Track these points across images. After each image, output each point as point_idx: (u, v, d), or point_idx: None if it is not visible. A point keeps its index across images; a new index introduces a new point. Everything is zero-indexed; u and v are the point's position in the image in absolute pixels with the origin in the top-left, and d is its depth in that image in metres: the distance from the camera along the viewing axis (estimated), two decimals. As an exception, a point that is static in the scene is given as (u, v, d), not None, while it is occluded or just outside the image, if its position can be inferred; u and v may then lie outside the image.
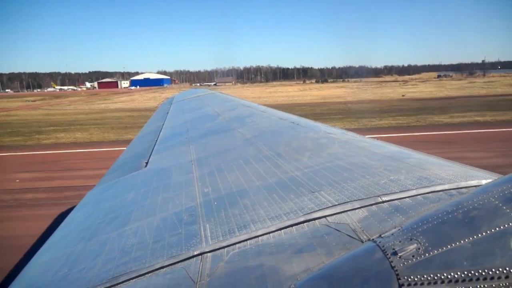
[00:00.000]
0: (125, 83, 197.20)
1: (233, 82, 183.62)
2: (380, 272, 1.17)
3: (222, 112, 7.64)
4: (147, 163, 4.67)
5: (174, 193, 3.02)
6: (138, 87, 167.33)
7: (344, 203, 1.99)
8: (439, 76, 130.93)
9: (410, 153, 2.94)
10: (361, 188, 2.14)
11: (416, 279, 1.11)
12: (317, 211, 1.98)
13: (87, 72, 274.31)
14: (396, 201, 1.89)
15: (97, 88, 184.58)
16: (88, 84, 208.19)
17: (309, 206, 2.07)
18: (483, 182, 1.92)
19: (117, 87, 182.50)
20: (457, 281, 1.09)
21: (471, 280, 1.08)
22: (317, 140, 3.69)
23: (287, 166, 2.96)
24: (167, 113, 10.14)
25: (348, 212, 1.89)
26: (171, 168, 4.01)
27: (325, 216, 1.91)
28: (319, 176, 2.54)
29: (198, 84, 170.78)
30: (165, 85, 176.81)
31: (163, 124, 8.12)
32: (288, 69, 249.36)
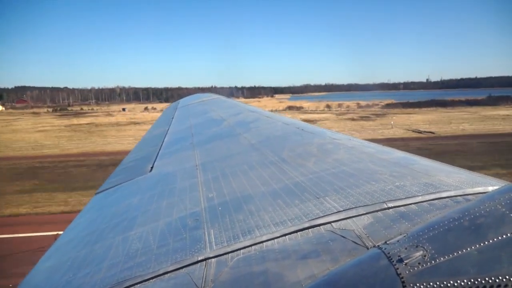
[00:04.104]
0: None
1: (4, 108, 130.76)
2: (386, 279, 1.16)
3: (227, 117, 7.66)
4: (152, 167, 4.68)
5: (179, 198, 3.02)
6: None
7: (349, 209, 1.98)
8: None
9: (416, 159, 2.93)
10: (366, 194, 2.13)
11: (422, 286, 1.10)
12: (322, 217, 1.97)
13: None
14: (401, 207, 1.88)
15: None
16: None
17: (314, 212, 2.06)
18: (490, 189, 1.91)
19: None
20: None
21: None
22: (322, 146, 3.68)
23: (292, 171, 2.96)
24: (172, 118, 10.18)
25: (353, 218, 1.88)
26: (176, 173, 4.02)
27: (330, 222, 1.90)
28: (324, 182, 2.53)
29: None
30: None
31: (168, 129, 8.14)
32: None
